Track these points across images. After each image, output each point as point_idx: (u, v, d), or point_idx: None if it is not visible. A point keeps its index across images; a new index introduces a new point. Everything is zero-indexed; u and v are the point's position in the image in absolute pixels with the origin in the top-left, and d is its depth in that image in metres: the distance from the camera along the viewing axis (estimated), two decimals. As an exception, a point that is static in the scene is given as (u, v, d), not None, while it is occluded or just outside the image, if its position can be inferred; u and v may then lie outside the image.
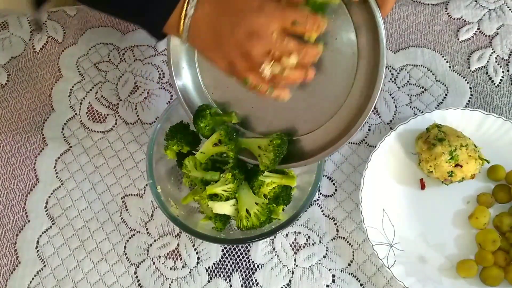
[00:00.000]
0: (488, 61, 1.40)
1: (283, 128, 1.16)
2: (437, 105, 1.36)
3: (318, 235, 1.27)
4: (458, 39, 1.44)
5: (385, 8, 0.98)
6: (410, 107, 1.37)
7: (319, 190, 1.31)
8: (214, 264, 1.27)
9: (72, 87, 1.51)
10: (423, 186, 1.25)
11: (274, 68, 0.94)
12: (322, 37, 0.99)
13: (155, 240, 1.31)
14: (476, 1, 1.47)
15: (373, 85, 1.01)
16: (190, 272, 1.27)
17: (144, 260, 1.29)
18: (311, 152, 1.13)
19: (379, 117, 1.37)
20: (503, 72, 1.38)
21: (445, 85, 1.38)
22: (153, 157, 1.22)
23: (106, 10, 1.06)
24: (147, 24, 1.01)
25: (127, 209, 1.35)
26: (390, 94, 1.39)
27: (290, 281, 1.24)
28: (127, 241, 1.32)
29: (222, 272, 1.27)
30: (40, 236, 1.35)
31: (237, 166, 1.20)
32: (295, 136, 1.15)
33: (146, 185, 1.36)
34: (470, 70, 1.39)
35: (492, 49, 1.41)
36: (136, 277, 1.28)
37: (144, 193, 1.36)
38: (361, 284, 1.22)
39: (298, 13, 0.93)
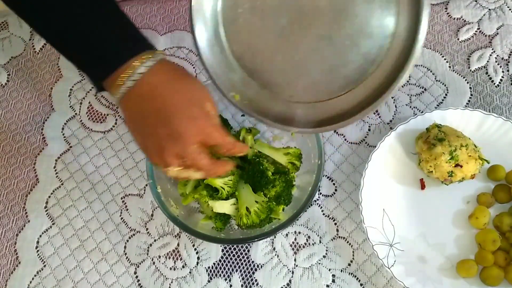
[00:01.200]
0: (488, 61, 1.40)
1: (318, 90, 1.09)
2: (437, 105, 1.36)
3: (318, 235, 1.27)
4: (458, 39, 1.44)
5: None
6: (410, 107, 1.37)
7: (319, 190, 1.31)
8: (214, 264, 1.27)
9: (72, 87, 1.51)
10: (423, 186, 1.26)
11: (180, 173, 0.96)
12: None
13: (155, 240, 1.31)
14: (476, 1, 1.47)
15: (415, 36, 0.92)
16: (190, 272, 1.27)
17: (144, 260, 1.29)
18: (349, 113, 1.04)
19: (379, 117, 1.37)
20: (503, 72, 1.38)
21: (445, 85, 1.38)
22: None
23: (51, 39, 1.00)
24: (89, 72, 0.99)
25: (127, 209, 1.35)
26: (390, 94, 1.39)
27: (290, 281, 1.24)
28: (127, 241, 1.32)
29: (222, 272, 1.27)
30: (40, 236, 1.34)
31: (238, 157, 1.21)
32: (330, 97, 1.08)
33: (146, 185, 1.36)
34: (470, 70, 1.40)
35: (492, 49, 1.41)
36: (136, 277, 1.28)
37: (144, 193, 1.36)
38: (361, 284, 1.22)
39: (224, 139, 0.98)
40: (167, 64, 0.95)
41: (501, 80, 1.37)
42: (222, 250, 1.28)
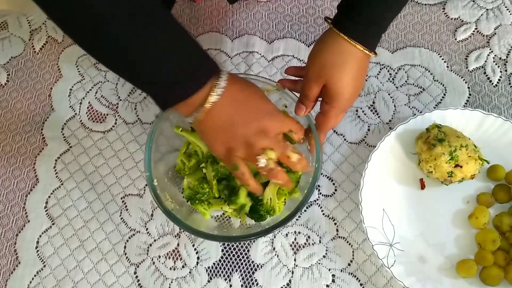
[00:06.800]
0: (486, 61, 1.41)
1: None
2: (436, 105, 1.37)
3: (318, 235, 1.27)
4: (455, 39, 1.45)
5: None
6: (409, 107, 1.38)
7: (319, 190, 1.32)
8: (214, 264, 1.28)
9: (72, 87, 1.51)
10: (423, 186, 1.26)
11: (269, 162, 1.05)
12: None
13: (155, 240, 1.31)
14: (473, 1, 1.48)
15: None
16: (190, 272, 1.27)
17: (144, 260, 1.29)
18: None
19: (378, 117, 1.37)
20: (501, 72, 1.39)
21: (443, 85, 1.39)
22: (152, 151, 1.21)
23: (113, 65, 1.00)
24: (163, 95, 1.01)
25: (127, 209, 1.35)
26: (389, 94, 1.39)
27: (290, 281, 1.24)
28: (127, 241, 1.32)
29: (222, 272, 1.27)
30: (40, 236, 1.34)
31: None
32: None
33: (146, 185, 1.36)
34: (468, 70, 1.40)
35: (490, 49, 1.42)
36: (136, 277, 1.28)
37: (144, 193, 1.36)
38: (361, 284, 1.22)
39: (296, 125, 1.10)
40: (233, 76, 1.04)
41: (499, 80, 1.38)
42: (222, 250, 1.29)
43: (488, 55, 1.42)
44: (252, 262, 1.27)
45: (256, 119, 1.05)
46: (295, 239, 1.28)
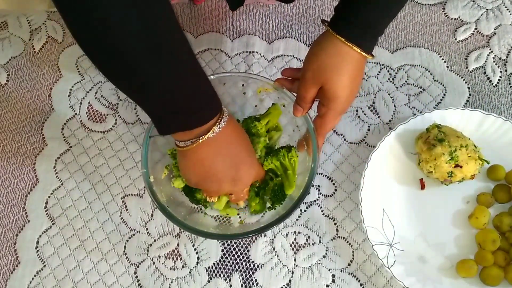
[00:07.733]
0: (486, 61, 1.41)
1: None
2: (436, 105, 1.37)
3: (318, 235, 1.27)
4: (455, 39, 1.45)
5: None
6: (409, 107, 1.38)
7: (319, 190, 1.32)
8: (214, 264, 1.27)
9: (72, 87, 1.51)
10: (423, 186, 1.26)
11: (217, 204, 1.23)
12: None
13: (155, 240, 1.31)
14: (473, 1, 1.48)
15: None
16: (190, 272, 1.27)
17: (144, 260, 1.29)
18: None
19: (378, 117, 1.37)
20: (501, 72, 1.39)
21: (443, 85, 1.39)
22: (149, 149, 1.20)
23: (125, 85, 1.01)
24: (168, 121, 1.03)
25: (127, 209, 1.34)
26: (389, 94, 1.39)
27: (290, 281, 1.24)
28: (127, 241, 1.32)
29: (222, 272, 1.27)
30: (40, 236, 1.34)
31: None
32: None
33: (146, 184, 1.36)
34: (468, 70, 1.40)
35: (490, 49, 1.42)
36: (136, 277, 1.28)
37: (144, 193, 1.36)
38: (361, 284, 1.22)
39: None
40: (231, 119, 1.09)
41: (499, 80, 1.38)
42: (222, 250, 1.29)
43: (488, 55, 1.42)
44: (252, 262, 1.27)
45: (234, 168, 1.12)
46: (295, 239, 1.28)
